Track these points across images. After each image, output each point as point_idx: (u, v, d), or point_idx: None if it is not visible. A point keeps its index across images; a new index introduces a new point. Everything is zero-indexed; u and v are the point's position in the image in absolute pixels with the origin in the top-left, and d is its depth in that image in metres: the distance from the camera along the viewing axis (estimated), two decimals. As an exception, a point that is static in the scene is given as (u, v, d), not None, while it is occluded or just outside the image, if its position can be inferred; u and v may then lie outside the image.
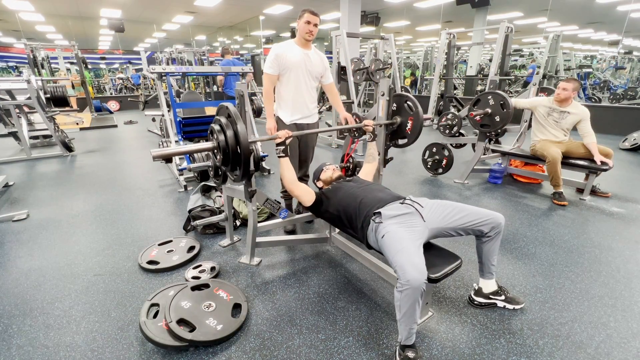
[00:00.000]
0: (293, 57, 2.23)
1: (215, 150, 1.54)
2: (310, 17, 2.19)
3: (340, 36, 4.52)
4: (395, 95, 2.18)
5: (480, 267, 1.67)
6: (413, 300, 1.20)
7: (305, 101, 2.36)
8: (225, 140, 1.47)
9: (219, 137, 1.49)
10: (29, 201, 3.14)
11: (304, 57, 2.26)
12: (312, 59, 2.31)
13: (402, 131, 2.18)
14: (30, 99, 4.48)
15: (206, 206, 2.50)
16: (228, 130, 1.47)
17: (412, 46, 18.71)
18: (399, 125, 2.17)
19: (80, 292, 1.83)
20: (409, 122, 2.12)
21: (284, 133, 1.76)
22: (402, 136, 2.21)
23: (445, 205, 1.58)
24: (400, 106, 2.16)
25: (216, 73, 5.48)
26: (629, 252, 2.19)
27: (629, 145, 5.02)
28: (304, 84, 2.31)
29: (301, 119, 2.38)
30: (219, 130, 1.51)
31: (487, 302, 1.67)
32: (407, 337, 1.30)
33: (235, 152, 1.47)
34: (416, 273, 1.20)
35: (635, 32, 9.97)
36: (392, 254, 1.33)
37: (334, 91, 2.56)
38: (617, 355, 1.39)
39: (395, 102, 2.18)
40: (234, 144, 1.46)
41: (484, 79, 8.45)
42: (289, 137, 1.78)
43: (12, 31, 12.95)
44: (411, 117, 2.10)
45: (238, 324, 1.52)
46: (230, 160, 1.49)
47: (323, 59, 2.40)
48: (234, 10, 10.46)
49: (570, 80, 3.03)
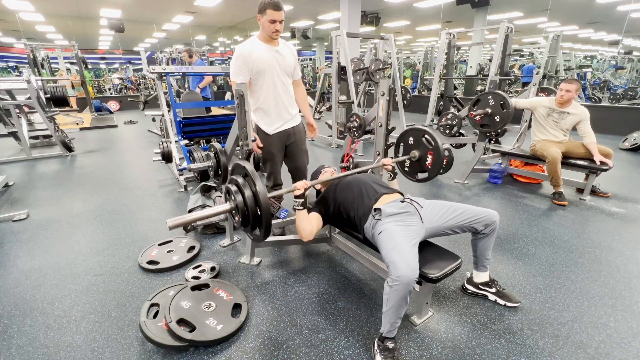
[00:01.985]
0: (264, 58, 1.99)
1: (233, 212, 1.46)
2: (275, 14, 1.90)
3: (340, 36, 4.52)
4: (412, 129, 2.07)
5: (475, 261, 1.72)
6: (401, 296, 1.24)
7: (285, 104, 2.17)
8: (243, 201, 1.41)
9: (236, 199, 1.42)
10: (29, 201, 3.14)
11: (275, 55, 2.03)
12: (284, 54, 2.08)
13: (421, 165, 2.07)
14: (30, 99, 4.48)
15: (206, 206, 2.50)
16: (246, 191, 1.40)
17: (412, 46, 18.71)
18: (417, 159, 2.07)
19: (80, 292, 1.83)
20: (428, 156, 2.00)
21: (302, 184, 1.58)
22: (422, 170, 2.09)
23: (441, 204, 1.62)
24: (417, 140, 2.06)
25: (216, 73, 5.46)
26: (629, 252, 2.19)
27: (629, 145, 5.02)
28: (280, 85, 2.11)
29: (284, 124, 2.20)
30: (236, 191, 1.44)
31: (477, 291, 1.74)
32: (389, 330, 1.33)
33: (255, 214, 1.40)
34: (408, 270, 1.23)
35: (635, 32, 9.96)
36: (386, 250, 1.37)
37: (302, 89, 2.33)
38: (617, 355, 1.40)
39: (412, 136, 2.08)
40: (254, 206, 1.39)
41: (484, 79, 8.45)
42: (308, 188, 1.62)
43: (12, 31, 12.94)
44: (431, 152, 1.98)
45: (238, 324, 1.52)
46: (251, 222, 1.42)
47: (293, 51, 2.18)
48: (234, 10, 10.46)
49: (572, 81, 3.01)
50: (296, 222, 1.64)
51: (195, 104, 4.44)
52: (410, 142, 2.10)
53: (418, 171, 2.12)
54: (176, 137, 3.59)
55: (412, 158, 2.08)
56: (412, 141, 2.09)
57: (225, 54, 17.41)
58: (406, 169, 2.17)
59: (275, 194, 1.60)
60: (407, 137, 2.11)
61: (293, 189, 1.58)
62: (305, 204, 1.63)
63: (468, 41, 10.01)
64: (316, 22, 12.32)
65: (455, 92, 7.44)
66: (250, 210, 1.40)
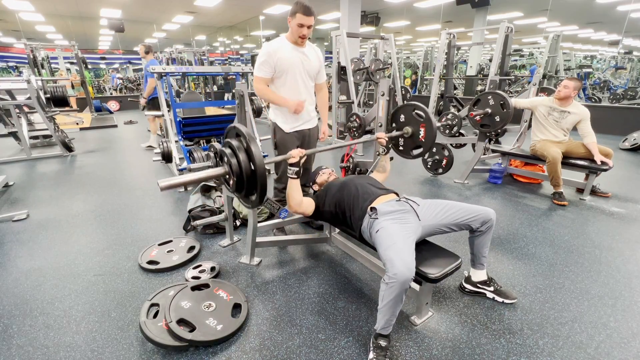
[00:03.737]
0: (288, 56, 2.03)
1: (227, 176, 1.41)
2: (304, 19, 1.93)
3: (340, 36, 4.52)
4: (403, 106, 2.07)
5: (472, 258, 1.73)
6: (397, 294, 1.24)
7: (305, 105, 2.18)
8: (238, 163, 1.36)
9: (230, 161, 1.37)
10: (29, 201, 3.14)
11: (300, 55, 2.07)
12: (310, 57, 2.12)
13: (415, 141, 2.07)
14: (30, 99, 4.48)
15: (206, 206, 2.50)
16: (240, 153, 1.36)
17: (412, 46, 18.71)
18: (410, 135, 2.06)
19: (80, 292, 1.83)
20: (421, 129, 2.01)
21: (298, 152, 1.61)
22: (416, 146, 2.09)
23: (438, 203, 1.63)
24: (408, 116, 2.06)
25: (217, 73, 5.46)
26: (629, 252, 2.19)
27: (629, 145, 5.02)
28: (302, 85, 2.13)
29: (302, 124, 2.22)
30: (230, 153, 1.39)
31: (476, 290, 1.75)
32: (383, 327, 1.34)
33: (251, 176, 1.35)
34: (404, 268, 1.23)
35: (635, 32, 9.97)
36: (383, 249, 1.38)
37: (325, 92, 2.36)
38: (617, 355, 1.39)
39: (402, 113, 2.08)
40: (249, 167, 1.35)
41: (484, 79, 8.44)
42: (303, 157, 1.65)
43: (12, 31, 12.95)
44: (423, 124, 1.99)
45: (238, 324, 1.52)
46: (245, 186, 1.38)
47: (319, 54, 2.21)
48: (234, 10, 10.46)
49: (572, 78, 3.03)
50: (287, 191, 1.70)
51: (196, 104, 4.44)
52: (402, 120, 2.09)
53: (412, 148, 2.12)
54: (176, 137, 3.59)
55: (405, 134, 2.07)
56: (404, 118, 2.08)
57: (225, 54, 17.41)
58: (401, 147, 2.16)
59: (272, 160, 1.63)
60: (398, 115, 2.10)
61: (288, 157, 1.62)
62: (300, 173, 1.67)
63: (468, 41, 10.01)
64: (316, 22, 12.28)
65: (455, 92, 7.43)
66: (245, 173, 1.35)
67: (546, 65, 7.48)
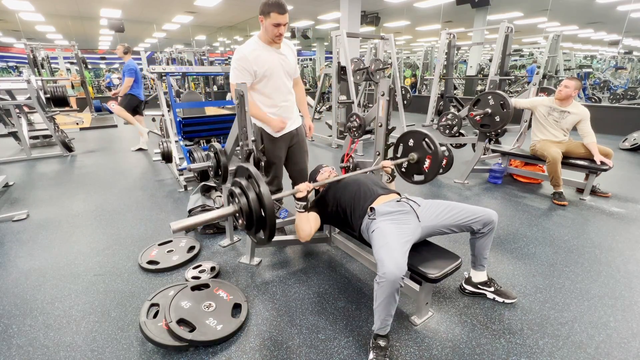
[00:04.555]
0: (268, 61, 1.92)
1: (237, 215, 1.45)
2: (279, 17, 1.82)
3: (340, 36, 4.52)
4: (414, 132, 2.07)
5: (472, 260, 1.72)
6: (388, 293, 1.24)
7: (289, 107, 2.15)
8: (247, 203, 1.40)
9: (240, 201, 1.41)
10: (29, 201, 3.14)
11: (278, 57, 1.97)
12: (287, 57, 2.03)
13: (418, 167, 2.07)
14: (30, 99, 4.48)
15: (206, 206, 2.50)
16: (250, 193, 1.39)
17: (412, 46, 18.71)
18: (415, 162, 2.06)
19: (80, 292, 1.83)
20: (427, 160, 2.00)
21: (305, 186, 1.57)
22: (419, 172, 2.09)
23: (439, 203, 1.62)
24: (417, 143, 2.05)
25: (217, 73, 5.47)
26: (629, 252, 2.19)
27: (629, 145, 5.02)
28: (284, 87, 2.06)
29: (289, 127, 2.16)
30: (240, 193, 1.42)
31: (476, 291, 1.75)
32: (380, 327, 1.35)
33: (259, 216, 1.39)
34: (393, 267, 1.24)
35: (635, 32, 9.96)
36: (376, 248, 1.39)
37: (301, 87, 2.27)
38: (617, 355, 1.39)
39: (412, 138, 2.08)
40: (258, 207, 1.38)
41: (484, 79, 8.44)
42: (310, 191, 1.61)
43: (12, 31, 12.95)
44: (429, 156, 1.98)
45: (238, 324, 1.52)
46: (255, 224, 1.41)
47: (293, 49, 2.10)
48: (234, 10, 10.46)
49: (572, 78, 3.04)
50: (296, 223, 1.65)
51: (196, 104, 4.45)
52: (410, 144, 2.09)
53: (415, 173, 2.12)
54: (176, 137, 3.59)
55: (410, 160, 2.08)
56: (412, 143, 2.08)
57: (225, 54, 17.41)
58: (403, 169, 2.17)
59: (279, 196, 1.60)
60: (407, 139, 2.10)
61: (295, 192, 1.57)
62: (307, 207, 1.63)
63: (468, 41, 10.01)
64: (316, 22, 12.32)
65: (455, 92, 7.43)
66: (254, 212, 1.39)
67: (546, 65, 7.48)
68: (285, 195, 1.63)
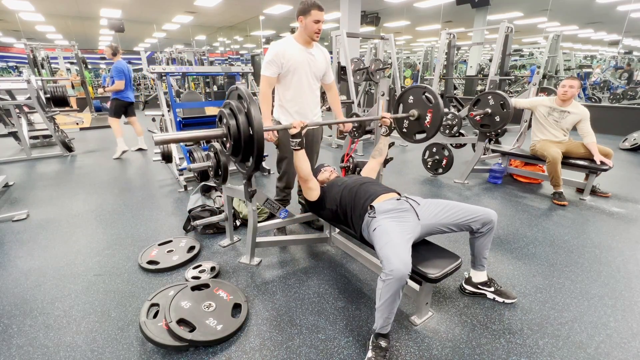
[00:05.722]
0: (296, 57, 2.03)
1: (224, 138, 1.36)
2: (319, 14, 1.95)
3: (340, 36, 4.52)
4: (413, 87, 2.05)
5: (472, 260, 1.73)
6: (394, 291, 1.24)
7: (309, 105, 2.20)
8: (236, 125, 1.31)
9: (229, 122, 1.32)
10: (29, 201, 3.14)
11: (307, 56, 2.07)
12: (317, 58, 2.12)
13: (420, 125, 2.04)
14: (30, 99, 4.48)
15: (206, 206, 2.50)
16: (240, 115, 1.31)
17: (412, 46, 18.70)
18: (416, 118, 2.03)
19: (80, 292, 1.83)
20: (427, 114, 1.98)
21: (299, 123, 1.62)
22: (420, 130, 2.06)
23: (439, 202, 1.63)
24: (417, 98, 2.03)
25: (216, 73, 5.46)
26: (629, 252, 2.19)
27: (629, 145, 5.02)
28: (307, 86, 2.13)
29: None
30: (229, 114, 1.34)
31: (476, 291, 1.75)
32: (382, 326, 1.34)
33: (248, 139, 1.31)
34: (400, 264, 1.23)
35: (635, 32, 9.95)
36: (380, 246, 1.39)
37: (335, 91, 2.39)
38: (617, 355, 1.39)
39: (412, 95, 2.06)
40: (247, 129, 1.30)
41: (484, 79, 8.44)
42: (304, 127, 1.64)
43: (12, 31, 12.96)
44: (430, 110, 1.97)
45: (238, 324, 1.52)
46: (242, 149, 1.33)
47: (326, 55, 2.21)
48: (234, 10, 10.46)
49: (574, 78, 3.04)
50: (294, 162, 1.72)
51: (196, 104, 4.45)
52: (410, 101, 2.07)
53: (416, 132, 2.11)
54: (176, 137, 3.58)
55: (411, 117, 2.05)
56: (412, 100, 2.06)
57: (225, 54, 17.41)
58: (404, 129, 2.15)
59: (271, 129, 1.61)
60: (407, 96, 2.08)
61: (289, 127, 1.62)
62: (303, 143, 1.67)
63: (468, 41, 10.02)
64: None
65: (455, 92, 7.43)
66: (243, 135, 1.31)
67: (546, 65, 7.48)
68: (278, 129, 1.68)
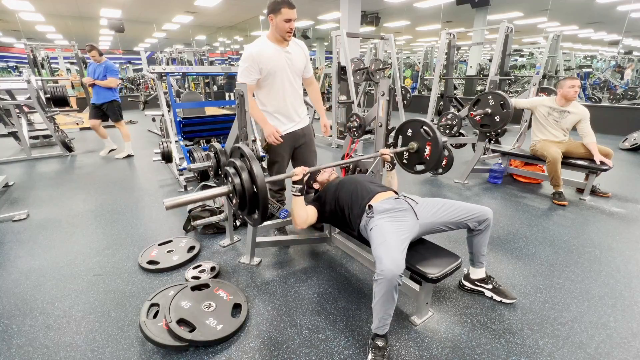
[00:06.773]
0: (274, 60, 1.93)
1: (231, 195, 1.45)
2: (290, 12, 1.84)
3: (340, 36, 4.52)
4: (411, 121, 2.07)
5: (471, 257, 1.75)
6: (386, 291, 1.25)
7: (294, 107, 2.13)
8: (241, 183, 1.40)
9: (234, 180, 1.41)
10: (29, 201, 3.14)
11: (285, 56, 1.98)
12: (295, 56, 2.02)
13: (419, 157, 2.06)
14: (30, 99, 4.49)
15: (206, 206, 2.50)
16: (243, 173, 1.40)
17: (412, 46, 18.71)
18: (416, 151, 2.06)
19: (80, 292, 1.83)
20: (427, 147, 2.00)
21: (301, 170, 1.58)
22: (420, 162, 2.08)
23: (436, 201, 1.64)
24: (416, 132, 2.05)
25: (217, 73, 5.46)
26: (629, 252, 2.19)
27: (629, 145, 5.02)
28: (289, 87, 2.06)
29: (294, 126, 2.16)
30: (234, 173, 1.42)
31: (474, 288, 1.76)
32: (378, 326, 1.34)
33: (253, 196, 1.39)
34: (392, 265, 1.24)
35: (635, 32, 9.97)
36: (375, 246, 1.40)
37: (315, 86, 2.28)
38: (617, 355, 1.39)
39: (410, 128, 2.07)
40: (251, 187, 1.38)
41: (484, 79, 8.44)
42: (306, 174, 1.62)
43: (12, 31, 12.96)
44: (429, 143, 1.98)
45: (238, 324, 1.52)
46: (248, 205, 1.41)
47: (304, 49, 2.10)
48: (234, 10, 10.46)
49: (575, 77, 3.04)
50: (292, 208, 1.66)
51: (196, 104, 4.45)
52: (409, 134, 2.08)
53: (416, 163, 2.11)
54: (176, 137, 3.59)
55: (410, 149, 2.06)
56: (411, 133, 2.07)
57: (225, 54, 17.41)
58: (404, 160, 2.16)
59: (274, 179, 1.61)
60: (406, 129, 2.09)
61: (292, 175, 1.59)
62: (303, 190, 1.64)
63: (468, 41, 10.02)
64: (316, 22, 12.32)
65: (455, 92, 7.43)
66: (247, 192, 1.38)
67: (546, 65, 7.47)
68: (281, 179, 1.66)
